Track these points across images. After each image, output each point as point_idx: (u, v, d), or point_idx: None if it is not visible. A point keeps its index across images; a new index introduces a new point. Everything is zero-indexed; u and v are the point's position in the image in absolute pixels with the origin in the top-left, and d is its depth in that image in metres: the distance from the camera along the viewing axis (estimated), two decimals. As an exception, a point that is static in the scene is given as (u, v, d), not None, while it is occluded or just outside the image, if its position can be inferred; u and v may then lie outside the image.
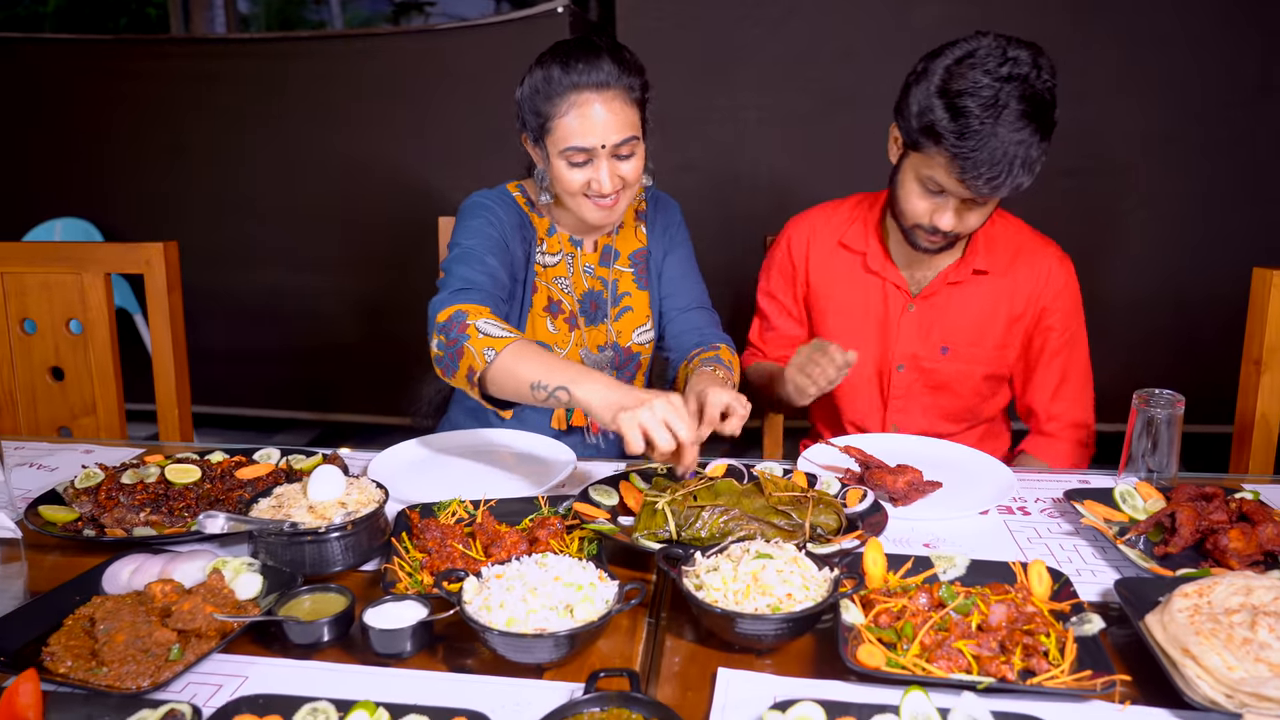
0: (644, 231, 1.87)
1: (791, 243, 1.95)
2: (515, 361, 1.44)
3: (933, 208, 1.63)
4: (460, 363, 1.48)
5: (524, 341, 1.47)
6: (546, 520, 1.34)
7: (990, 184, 1.53)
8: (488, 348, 1.45)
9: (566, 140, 1.59)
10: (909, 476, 1.46)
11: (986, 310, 1.82)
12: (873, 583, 1.21)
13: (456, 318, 1.51)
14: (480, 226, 1.70)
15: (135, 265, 1.91)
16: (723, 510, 1.33)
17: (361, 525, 1.27)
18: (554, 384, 1.40)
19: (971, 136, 1.49)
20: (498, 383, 1.47)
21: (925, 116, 1.54)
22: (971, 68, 1.50)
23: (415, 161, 3.74)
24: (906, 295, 1.83)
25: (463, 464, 1.64)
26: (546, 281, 1.80)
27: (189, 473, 1.46)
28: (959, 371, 1.84)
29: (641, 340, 1.87)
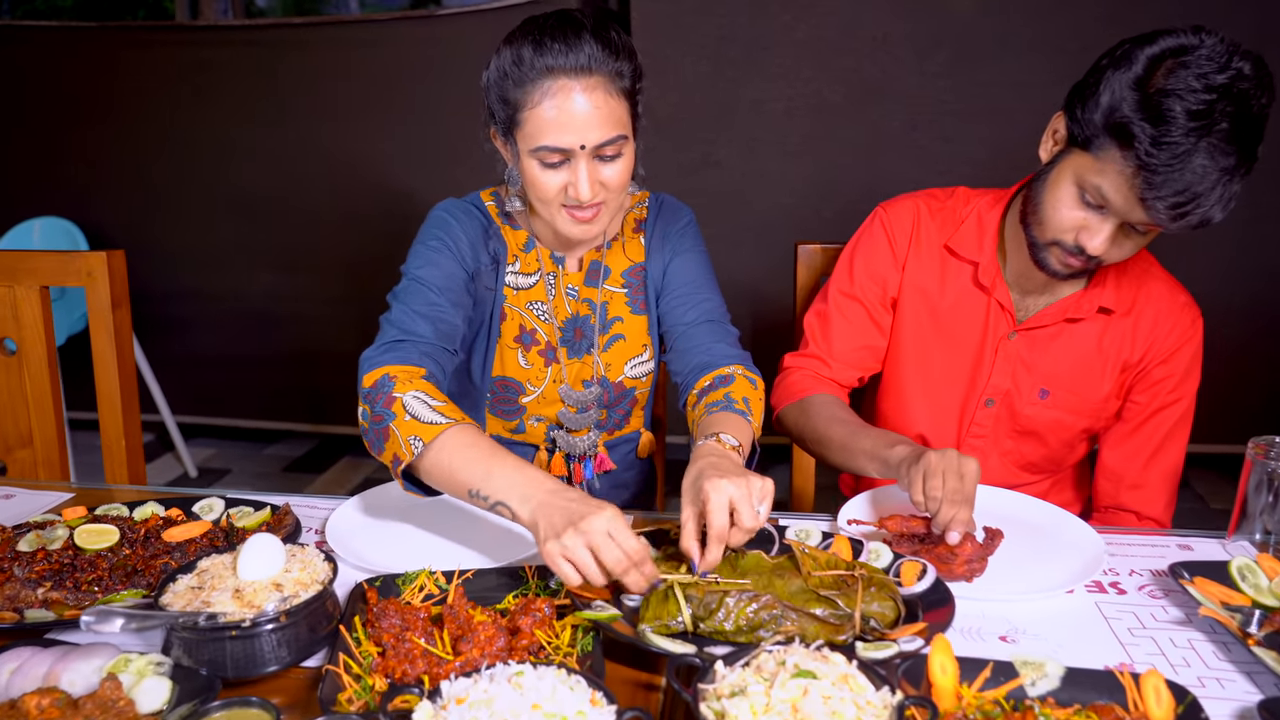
0: (643, 244, 1.58)
1: (893, 231, 1.60)
2: (449, 459, 1.18)
3: (1084, 223, 1.33)
4: (386, 445, 1.23)
5: (458, 430, 1.20)
6: (532, 603, 1.09)
7: (1174, 211, 1.23)
8: (414, 436, 1.20)
9: (538, 137, 1.31)
10: (965, 554, 1.19)
11: (1100, 354, 1.52)
12: (944, 701, 0.95)
13: (383, 386, 1.26)
14: (434, 251, 1.44)
15: (75, 277, 1.67)
16: (751, 596, 1.07)
17: (299, 615, 1.02)
18: (494, 497, 1.15)
19: (1169, 148, 1.20)
20: (430, 477, 1.22)
21: (1117, 111, 1.24)
22: (1184, 66, 1.20)
23: (422, 157, 3.49)
24: (1010, 320, 1.53)
25: (438, 518, 1.39)
26: (519, 307, 1.53)
27: (103, 536, 1.22)
28: (1055, 420, 1.55)
29: (636, 373, 1.59)
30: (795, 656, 0.90)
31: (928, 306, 1.58)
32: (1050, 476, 1.64)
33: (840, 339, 1.62)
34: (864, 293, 1.61)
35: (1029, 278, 1.50)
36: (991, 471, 1.59)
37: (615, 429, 1.62)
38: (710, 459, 1.20)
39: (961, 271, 1.55)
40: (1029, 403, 1.54)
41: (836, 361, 1.62)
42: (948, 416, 1.60)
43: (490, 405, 1.56)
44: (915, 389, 1.61)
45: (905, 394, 1.62)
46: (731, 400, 1.38)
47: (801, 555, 1.13)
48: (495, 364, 1.53)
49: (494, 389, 1.55)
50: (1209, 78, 1.19)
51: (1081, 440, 1.59)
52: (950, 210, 1.58)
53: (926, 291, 1.58)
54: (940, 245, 1.57)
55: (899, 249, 1.59)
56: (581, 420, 1.56)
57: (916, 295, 1.58)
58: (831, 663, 0.90)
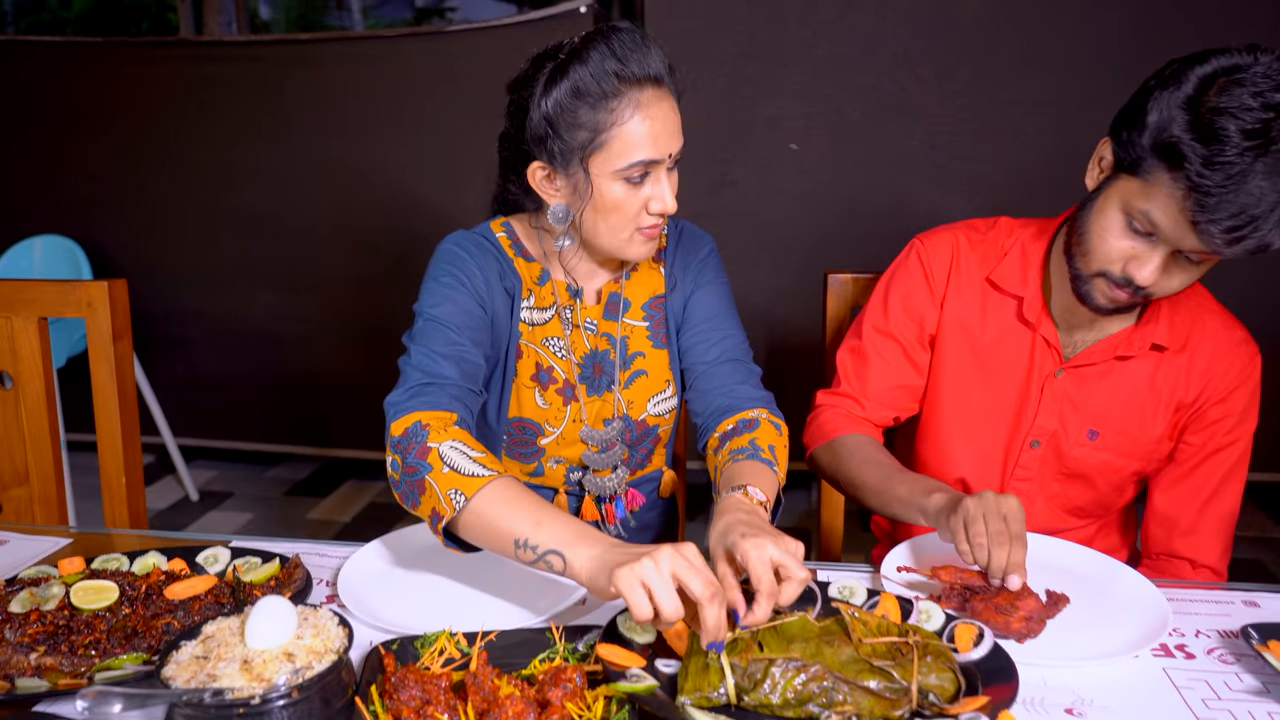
0: (662, 273, 1.51)
1: (931, 264, 1.52)
2: (493, 511, 1.11)
3: (1132, 253, 1.26)
4: (422, 499, 1.16)
5: (502, 483, 1.13)
6: (562, 672, 1.01)
7: (1230, 235, 1.15)
8: (455, 489, 1.12)
9: (630, 153, 1.25)
10: (1027, 608, 1.12)
11: (1152, 393, 1.44)
12: (1012, 785, 0.87)
13: (415, 435, 1.18)
14: (448, 288, 1.36)
15: (75, 308, 1.60)
16: (799, 666, 0.99)
17: (312, 688, 0.95)
18: (544, 547, 1.07)
19: (1222, 169, 1.13)
20: (471, 532, 1.14)
21: (1166, 131, 1.18)
22: (1239, 84, 1.13)
23: (425, 175, 3.43)
24: (1057, 358, 1.45)
25: (457, 567, 1.31)
26: (535, 344, 1.46)
27: (101, 594, 1.14)
28: (1105, 463, 1.47)
29: (659, 410, 1.51)
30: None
31: (969, 343, 1.50)
32: (1096, 521, 1.56)
33: (875, 378, 1.55)
34: (900, 330, 1.54)
35: (1075, 313, 1.42)
36: (1036, 516, 1.51)
37: (638, 468, 1.55)
38: (739, 514, 1.13)
39: (1004, 306, 1.48)
40: (1077, 444, 1.47)
41: (871, 401, 1.55)
42: (991, 459, 1.52)
43: (507, 448, 1.49)
44: (956, 430, 1.53)
45: (945, 436, 1.55)
46: (758, 448, 1.31)
47: (851, 620, 1.05)
48: (511, 404, 1.46)
49: (510, 430, 1.47)
50: (1265, 95, 1.12)
51: (1131, 483, 1.51)
52: (992, 242, 1.50)
53: (967, 327, 1.50)
54: (981, 279, 1.49)
55: (936, 284, 1.52)
56: (606, 460, 1.48)
57: (957, 332, 1.51)
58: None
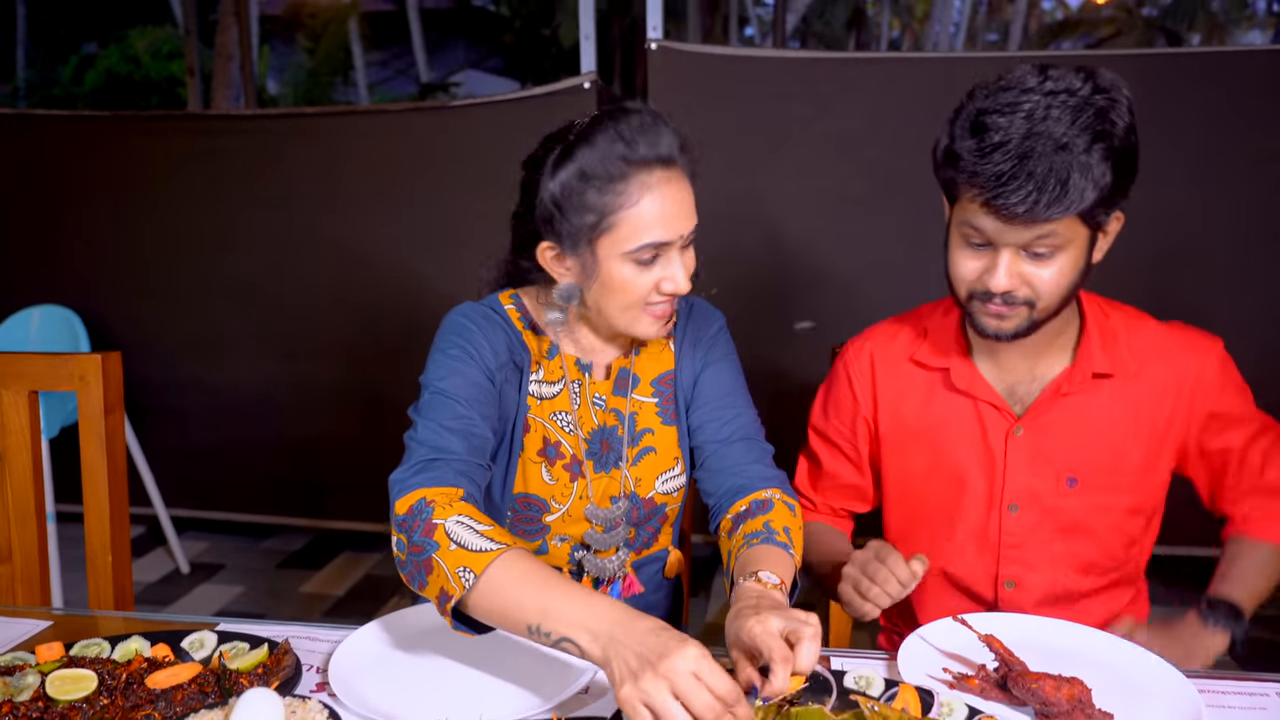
0: (672, 349, 1.49)
1: (851, 370, 1.56)
2: (503, 590, 1.06)
3: (981, 266, 1.30)
4: (430, 579, 1.11)
5: (510, 556, 1.08)
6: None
7: (1028, 200, 1.19)
8: (463, 567, 1.08)
9: (639, 235, 1.25)
10: (1076, 690, 1.07)
11: (1120, 424, 1.41)
12: None
13: (420, 512, 1.14)
14: (456, 360, 1.33)
15: (67, 381, 1.56)
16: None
17: (299, 790, 0.89)
18: (558, 633, 1.02)
19: (997, 149, 1.20)
20: (481, 612, 1.09)
21: (943, 143, 1.28)
22: (1006, 88, 1.23)
23: (424, 248, 3.42)
24: (1010, 417, 1.43)
25: (456, 653, 1.25)
26: (542, 418, 1.42)
27: (79, 684, 1.08)
28: (1095, 507, 1.43)
29: (668, 488, 1.47)
30: None
31: (912, 428, 1.51)
32: (1112, 574, 1.49)
33: (825, 478, 1.64)
34: (836, 435, 1.60)
35: (1003, 366, 1.45)
36: (1045, 578, 1.46)
37: (643, 548, 1.50)
38: (748, 601, 1.11)
39: (933, 381, 1.50)
40: (1059, 496, 1.43)
41: (820, 499, 1.65)
42: (973, 534, 1.48)
43: (510, 524, 1.44)
44: (929, 522, 1.52)
45: (921, 531, 1.53)
46: (772, 531, 1.28)
47: (870, 714, 0.99)
48: (517, 480, 1.42)
49: (515, 507, 1.43)
50: (1033, 88, 1.21)
51: (1138, 528, 1.46)
52: (911, 326, 1.55)
53: (907, 418, 1.51)
54: (907, 360, 1.52)
55: (863, 390, 1.56)
56: (609, 540, 1.44)
57: (897, 422, 1.53)
58: None
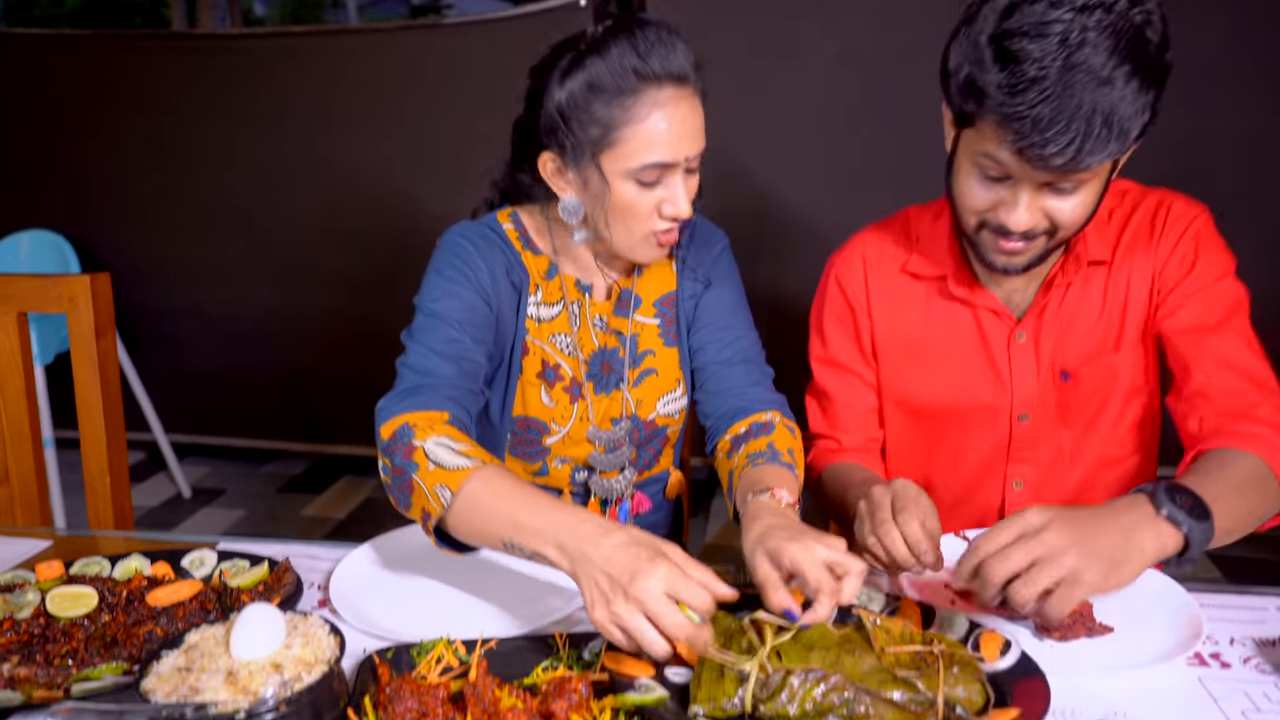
0: (674, 269, 1.46)
1: (842, 281, 1.49)
2: (478, 506, 1.05)
3: (997, 199, 1.20)
4: (413, 500, 1.10)
5: (484, 473, 1.06)
6: (566, 682, 0.96)
7: (1064, 152, 1.08)
8: (440, 485, 1.06)
9: (643, 154, 1.20)
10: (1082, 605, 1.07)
11: (1111, 309, 1.37)
12: (1049, 807, 0.82)
13: (401, 436, 1.13)
14: (451, 281, 1.30)
15: (56, 303, 1.54)
16: (818, 676, 0.93)
17: (302, 701, 0.89)
18: (530, 546, 1.01)
19: (1030, 88, 1.07)
20: (460, 529, 1.08)
21: (964, 71, 1.13)
22: (1032, 2, 1.09)
23: (418, 169, 3.36)
24: (1009, 321, 1.38)
25: (455, 568, 1.25)
26: (541, 340, 1.40)
27: (79, 601, 1.08)
28: (1094, 394, 1.38)
29: (669, 410, 1.45)
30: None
31: (908, 343, 1.45)
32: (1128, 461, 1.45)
33: (841, 410, 1.51)
34: (843, 356, 1.50)
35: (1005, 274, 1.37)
36: (1060, 478, 1.44)
37: (645, 469, 1.49)
38: (774, 519, 1.09)
39: (929, 291, 1.43)
40: (1061, 391, 1.39)
41: (847, 434, 1.51)
42: (980, 449, 1.45)
43: (511, 447, 1.43)
44: (933, 439, 1.48)
45: (924, 449, 1.50)
46: (776, 451, 1.27)
47: (872, 628, 0.99)
48: (516, 403, 1.40)
49: (515, 430, 1.41)
50: (1063, 3, 1.07)
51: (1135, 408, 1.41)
52: (896, 233, 1.47)
53: (902, 328, 1.45)
54: (901, 275, 1.45)
55: (857, 297, 1.48)
56: (613, 461, 1.43)
57: (893, 337, 1.46)
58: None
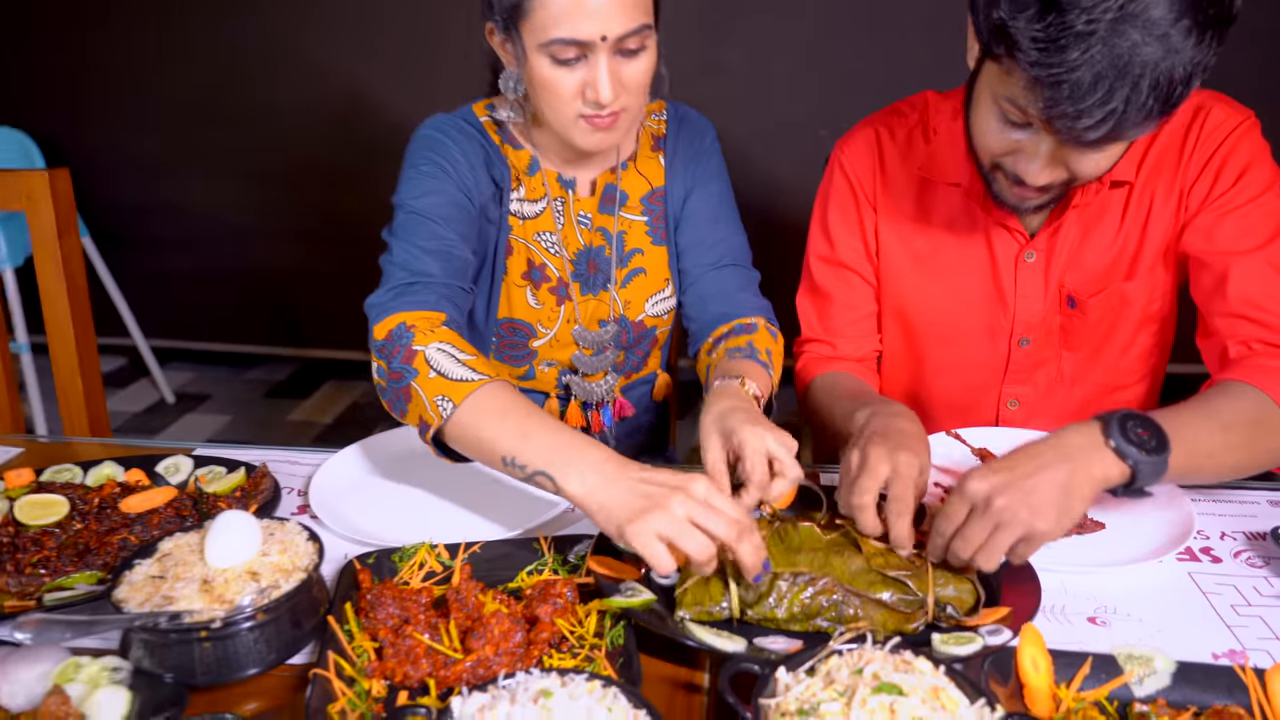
0: (662, 164, 1.38)
1: (850, 170, 1.36)
2: (480, 422, 1.00)
3: (1015, 146, 1.07)
4: (409, 407, 1.06)
5: (491, 389, 1.02)
6: (552, 586, 0.94)
7: (1101, 125, 0.95)
8: (442, 396, 1.02)
9: (551, 27, 1.10)
10: None
11: (1129, 232, 1.25)
12: (1038, 704, 0.81)
13: (400, 338, 1.08)
14: (430, 177, 1.23)
15: (15, 200, 1.47)
16: (807, 579, 0.92)
17: (279, 609, 0.87)
18: (533, 466, 0.97)
19: (1072, 46, 0.91)
20: (460, 443, 1.04)
21: (996, 9, 0.97)
22: None
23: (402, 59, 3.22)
24: (1021, 237, 1.28)
25: (439, 475, 1.23)
26: (525, 239, 1.34)
27: (50, 509, 1.05)
28: (1102, 323, 1.31)
29: (657, 311, 1.40)
30: (874, 665, 0.76)
31: (914, 251, 1.35)
32: (1129, 390, 1.40)
33: (839, 314, 1.40)
34: (849, 255, 1.38)
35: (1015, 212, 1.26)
36: (1058, 401, 1.38)
37: (633, 371, 1.46)
38: (735, 401, 1.07)
39: (946, 198, 1.31)
40: (1068, 316, 1.32)
41: (842, 339, 1.40)
42: (975, 367, 1.39)
43: (496, 350, 1.39)
44: (926, 353, 1.41)
45: (915, 362, 1.43)
46: (755, 349, 1.24)
47: (859, 536, 0.97)
48: (501, 304, 1.35)
49: (500, 332, 1.37)
50: None
51: (1146, 337, 1.35)
52: (916, 126, 1.34)
53: (910, 231, 1.34)
54: (913, 173, 1.33)
55: (866, 191, 1.36)
56: (597, 364, 1.39)
57: (898, 239, 1.35)
58: (918, 671, 0.75)
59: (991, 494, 0.89)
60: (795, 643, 0.89)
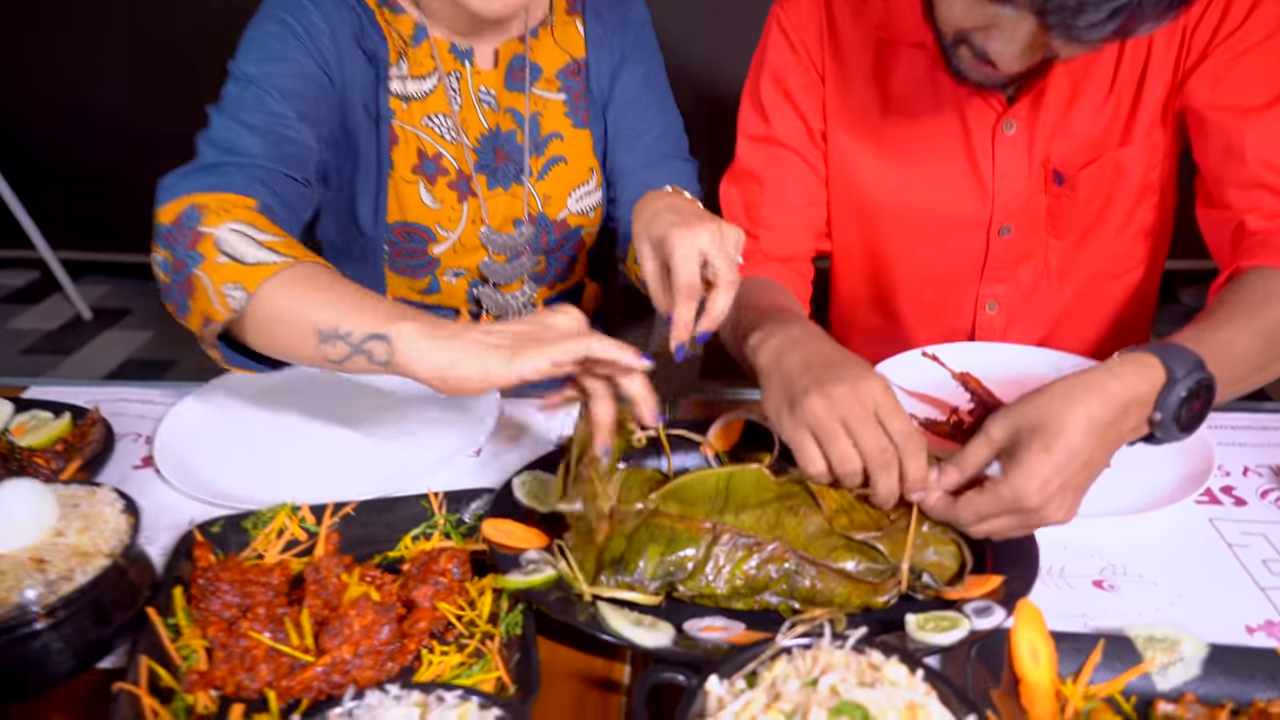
0: (581, 31, 1.16)
1: (791, 32, 1.12)
2: (284, 304, 0.79)
3: (987, 21, 0.86)
4: (191, 303, 0.84)
5: (303, 268, 0.81)
6: (433, 562, 0.75)
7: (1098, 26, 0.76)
8: (232, 284, 0.80)
9: None
10: None
11: (1120, 86, 1.05)
12: (1039, 704, 0.64)
13: (187, 220, 0.85)
14: (275, 40, 0.99)
15: None
16: (750, 545, 0.74)
17: (76, 606, 0.68)
18: (362, 332, 0.76)
19: None
20: (258, 338, 0.83)
21: None
22: None
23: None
24: (998, 105, 1.07)
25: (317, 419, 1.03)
26: (413, 125, 1.10)
27: None
28: (1088, 201, 1.11)
29: (582, 207, 1.19)
30: (833, 675, 0.58)
31: (874, 124, 1.12)
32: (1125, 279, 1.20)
33: (770, 202, 1.15)
34: (785, 132, 1.14)
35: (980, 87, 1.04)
36: (1044, 300, 1.19)
37: (556, 281, 1.25)
38: (666, 201, 0.91)
39: (908, 61, 1.08)
40: (1054, 195, 1.11)
41: (769, 232, 1.15)
42: (947, 264, 1.18)
43: (390, 260, 1.17)
44: (889, 251, 1.20)
45: (875, 263, 1.21)
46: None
47: (817, 486, 0.79)
48: (391, 205, 1.12)
49: (393, 238, 1.15)
50: None
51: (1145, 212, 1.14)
52: None
53: (867, 104, 1.12)
54: (869, 34, 1.09)
55: (809, 56, 1.12)
56: (512, 272, 1.18)
57: (852, 114, 1.12)
58: (888, 682, 0.58)
59: (1045, 504, 0.72)
60: (737, 627, 0.71)
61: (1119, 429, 0.75)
